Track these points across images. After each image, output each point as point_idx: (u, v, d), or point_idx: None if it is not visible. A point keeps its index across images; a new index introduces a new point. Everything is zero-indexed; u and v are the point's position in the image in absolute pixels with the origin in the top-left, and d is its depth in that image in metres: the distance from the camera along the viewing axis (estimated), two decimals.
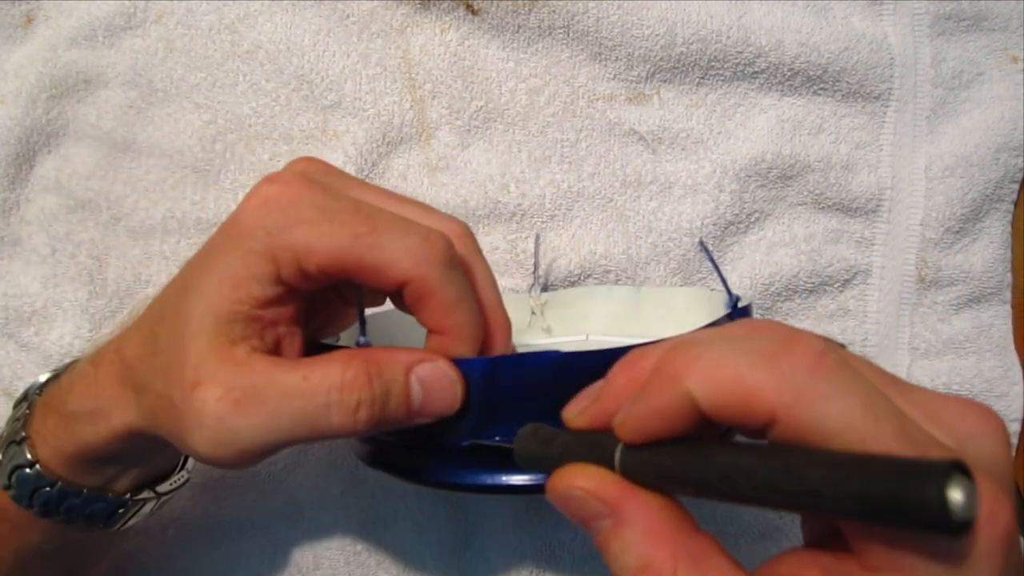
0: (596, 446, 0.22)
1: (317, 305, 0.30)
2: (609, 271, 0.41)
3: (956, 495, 0.15)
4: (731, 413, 0.19)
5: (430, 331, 0.27)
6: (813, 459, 0.18)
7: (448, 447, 0.28)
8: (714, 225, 0.41)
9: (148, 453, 0.29)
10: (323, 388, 0.25)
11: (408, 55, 0.42)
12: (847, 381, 0.18)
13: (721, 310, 0.34)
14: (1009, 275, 0.42)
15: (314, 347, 0.31)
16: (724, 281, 0.32)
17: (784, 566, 0.21)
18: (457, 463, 0.28)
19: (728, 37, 0.41)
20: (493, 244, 0.41)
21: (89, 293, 0.40)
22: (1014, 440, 0.42)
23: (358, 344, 0.28)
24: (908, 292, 0.42)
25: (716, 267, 0.33)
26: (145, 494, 0.32)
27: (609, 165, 0.42)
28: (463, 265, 0.28)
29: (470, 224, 0.41)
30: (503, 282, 0.41)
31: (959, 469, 0.16)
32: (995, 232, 0.42)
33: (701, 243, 0.39)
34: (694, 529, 0.21)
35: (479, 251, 0.29)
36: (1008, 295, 0.42)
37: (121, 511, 0.32)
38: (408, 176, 0.42)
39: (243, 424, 0.25)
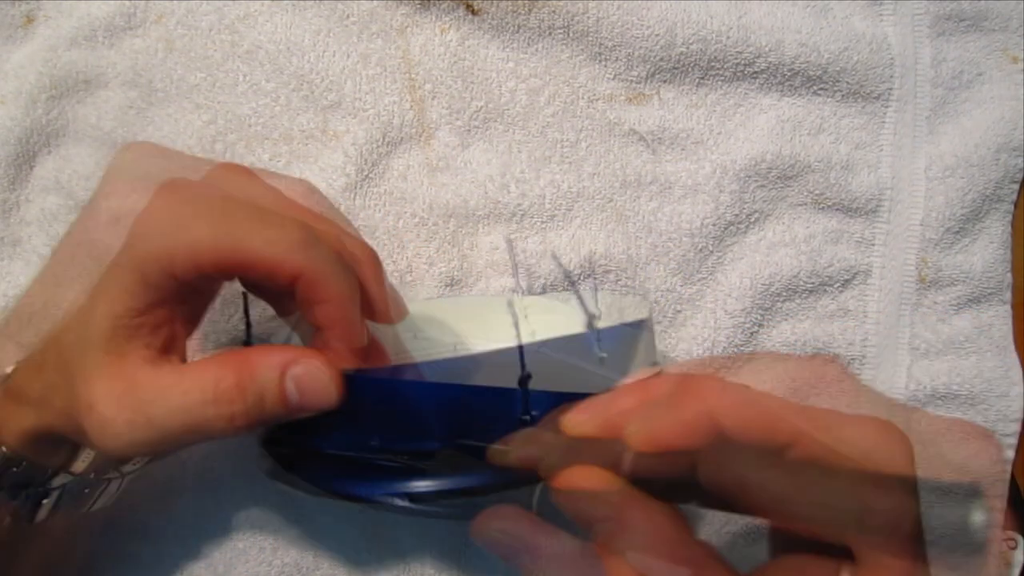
0: (601, 452, 0.23)
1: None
2: (609, 271, 0.41)
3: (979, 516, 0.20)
4: (753, 435, 0.21)
5: (316, 328, 0.29)
6: (838, 476, 0.21)
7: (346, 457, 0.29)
8: (714, 225, 0.41)
9: None
10: (199, 401, 0.27)
11: (408, 55, 0.42)
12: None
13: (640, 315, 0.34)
14: (1009, 275, 0.42)
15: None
16: (581, 299, 0.33)
17: (782, 570, 0.22)
18: (358, 474, 0.30)
19: (728, 37, 0.41)
20: (493, 244, 0.41)
21: None
22: (1014, 440, 0.42)
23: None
24: (908, 292, 0.42)
25: (573, 284, 0.33)
26: (110, 474, 0.33)
27: (609, 165, 0.42)
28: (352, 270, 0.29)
29: (470, 224, 0.41)
30: (503, 282, 0.41)
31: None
32: (995, 232, 0.42)
33: (553, 255, 0.40)
34: (692, 538, 0.22)
35: (380, 279, 0.31)
36: (1008, 295, 0.42)
37: (87, 491, 0.33)
38: (408, 176, 0.41)
39: (138, 438, 0.27)
